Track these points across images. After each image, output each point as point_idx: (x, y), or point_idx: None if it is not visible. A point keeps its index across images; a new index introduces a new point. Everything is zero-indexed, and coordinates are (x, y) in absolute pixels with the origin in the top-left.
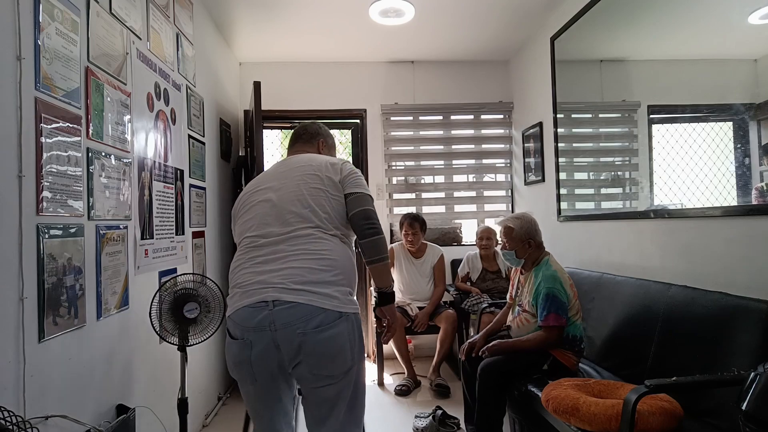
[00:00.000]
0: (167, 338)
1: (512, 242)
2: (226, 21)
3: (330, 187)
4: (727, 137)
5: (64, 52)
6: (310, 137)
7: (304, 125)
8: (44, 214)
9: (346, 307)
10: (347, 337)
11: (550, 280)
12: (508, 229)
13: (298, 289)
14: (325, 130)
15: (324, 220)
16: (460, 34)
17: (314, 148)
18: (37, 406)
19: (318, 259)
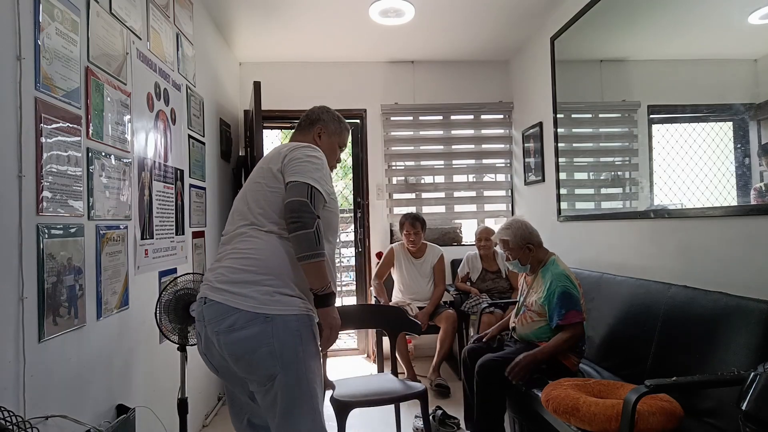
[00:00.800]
0: (170, 337)
1: (513, 252)
2: (226, 21)
3: (269, 179)
4: (727, 137)
5: (64, 52)
6: (308, 124)
7: (308, 111)
8: (44, 214)
9: (266, 308)
10: (264, 341)
11: (562, 278)
12: (504, 242)
13: (219, 288)
14: (330, 115)
15: (258, 216)
16: (460, 34)
17: (309, 136)
18: (37, 406)
19: (241, 258)
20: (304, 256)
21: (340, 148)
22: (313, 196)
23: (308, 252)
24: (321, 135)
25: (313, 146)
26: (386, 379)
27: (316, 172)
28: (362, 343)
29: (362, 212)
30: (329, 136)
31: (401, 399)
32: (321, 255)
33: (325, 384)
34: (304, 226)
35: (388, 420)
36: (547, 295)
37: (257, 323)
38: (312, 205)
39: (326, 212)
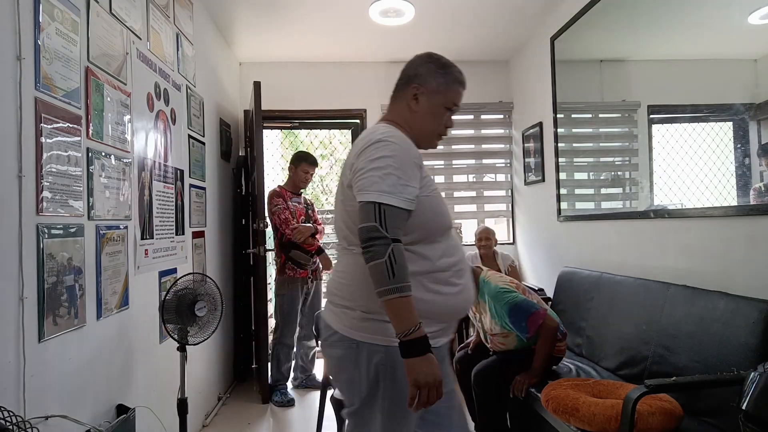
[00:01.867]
0: (174, 336)
1: None
2: (226, 21)
3: (345, 195)
4: (727, 137)
5: (64, 52)
6: (403, 84)
7: (406, 64)
8: (44, 214)
9: (355, 333)
10: (346, 367)
11: (500, 295)
12: None
13: (327, 301)
14: (430, 66)
15: (347, 233)
16: (459, 34)
17: (403, 102)
18: (37, 406)
19: (336, 279)
20: (378, 292)
21: (448, 110)
22: (383, 216)
23: (380, 287)
24: (418, 97)
25: (384, 136)
26: None
27: (384, 180)
28: None
29: None
30: (429, 97)
31: None
32: (395, 291)
33: (326, 383)
34: (373, 256)
35: None
36: (499, 319)
37: (343, 346)
38: (384, 228)
39: (419, 218)
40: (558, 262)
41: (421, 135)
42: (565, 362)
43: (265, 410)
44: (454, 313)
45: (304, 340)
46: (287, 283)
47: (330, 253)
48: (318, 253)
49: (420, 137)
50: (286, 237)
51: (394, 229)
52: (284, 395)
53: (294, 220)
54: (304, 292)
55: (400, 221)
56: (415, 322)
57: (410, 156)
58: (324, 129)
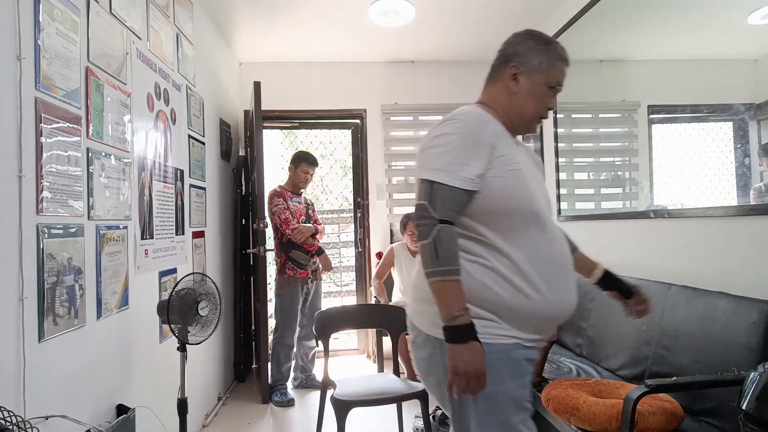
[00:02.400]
0: (177, 335)
1: None
2: (226, 21)
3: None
4: (727, 137)
5: (64, 52)
6: (501, 63)
7: (504, 43)
8: (44, 214)
9: (437, 331)
10: (432, 368)
11: None
12: None
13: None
14: (531, 43)
15: None
16: (460, 34)
17: (500, 83)
18: (37, 406)
19: (416, 272)
20: (424, 273)
21: (552, 89)
22: (434, 195)
23: (425, 269)
24: (518, 77)
25: (454, 115)
26: (387, 379)
27: (440, 158)
28: (362, 343)
29: (362, 212)
30: (531, 76)
31: (401, 399)
32: (438, 274)
33: (326, 383)
34: (420, 235)
35: (389, 420)
36: None
37: (428, 346)
38: (432, 207)
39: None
40: None
41: (520, 118)
42: (566, 362)
43: (265, 410)
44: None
45: (304, 340)
46: (287, 283)
47: (330, 253)
48: (318, 253)
49: (518, 120)
50: (286, 237)
51: (445, 210)
52: (284, 395)
53: (294, 220)
54: (304, 292)
55: (453, 202)
56: (459, 307)
57: (478, 133)
58: (324, 129)
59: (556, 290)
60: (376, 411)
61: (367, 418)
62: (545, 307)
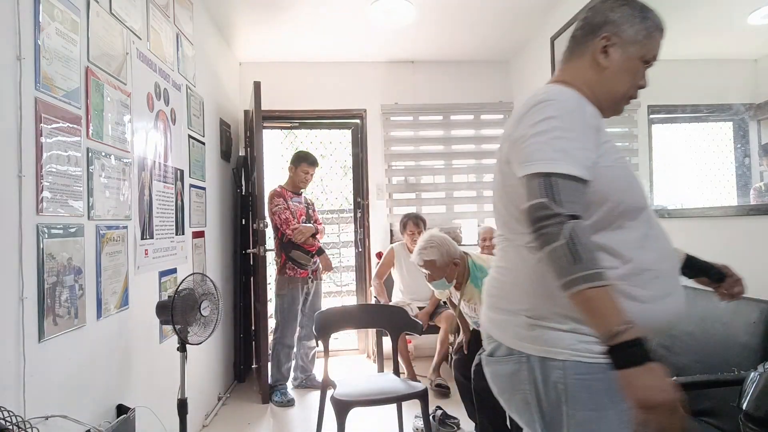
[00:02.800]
0: (179, 335)
1: (439, 272)
2: (226, 21)
3: (504, 170)
4: (727, 137)
5: (64, 52)
6: (586, 34)
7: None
8: (44, 214)
9: (523, 345)
10: (519, 386)
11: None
12: (431, 263)
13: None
14: (626, 11)
15: (509, 220)
16: (460, 34)
17: (585, 58)
18: (37, 406)
19: (494, 278)
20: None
21: (646, 63)
22: (555, 188)
23: (564, 278)
24: (609, 50)
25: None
26: (387, 379)
27: (551, 144)
28: (362, 343)
29: (362, 212)
30: (625, 49)
31: (401, 399)
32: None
33: (326, 383)
34: (547, 240)
35: (389, 420)
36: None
37: (512, 361)
38: (556, 203)
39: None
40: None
41: (608, 98)
42: None
43: (265, 410)
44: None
45: (305, 340)
46: (287, 283)
47: (330, 253)
48: (318, 253)
49: (606, 100)
50: (286, 237)
51: (571, 204)
52: (284, 395)
53: (294, 220)
54: (304, 292)
55: (576, 194)
56: (623, 319)
57: (583, 115)
58: (324, 129)
59: (669, 293)
60: (376, 411)
61: (367, 418)
62: (659, 313)
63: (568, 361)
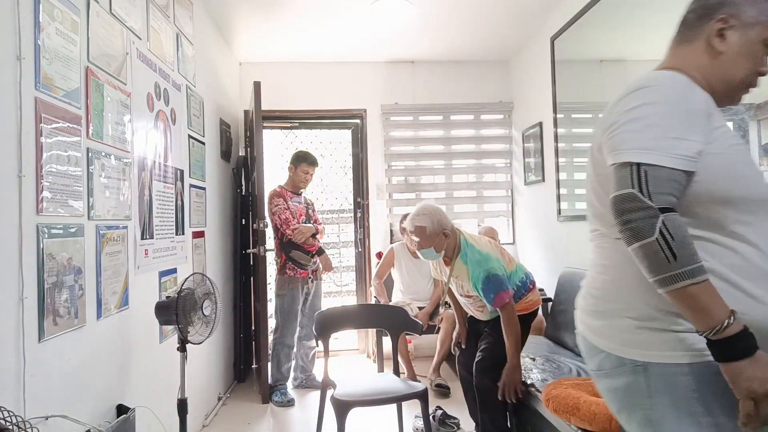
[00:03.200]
0: (182, 334)
1: (428, 240)
2: (226, 21)
3: (596, 160)
4: None
5: (64, 52)
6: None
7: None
8: (44, 214)
9: (633, 351)
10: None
11: (481, 263)
12: (421, 229)
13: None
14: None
15: (600, 210)
16: (460, 34)
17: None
18: (37, 406)
19: (592, 277)
20: (656, 282)
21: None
22: (644, 179)
23: (658, 275)
24: (726, 32)
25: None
26: (387, 379)
27: (643, 133)
28: (362, 343)
29: (362, 212)
30: (745, 31)
31: (401, 399)
32: (683, 277)
33: (326, 383)
34: (635, 234)
35: (389, 420)
36: (473, 284)
37: (625, 372)
38: (645, 195)
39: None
40: (558, 262)
41: (724, 86)
42: (566, 362)
43: (265, 410)
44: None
45: (305, 340)
46: (288, 283)
47: (330, 253)
48: (319, 253)
49: (721, 88)
50: (286, 237)
51: (662, 195)
52: (284, 395)
53: (294, 221)
54: (304, 292)
55: (670, 185)
56: (726, 313)
57: (689, 101)
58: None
59: None
60: (376, 411)
61: (367, 418)
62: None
63: (695, 363)
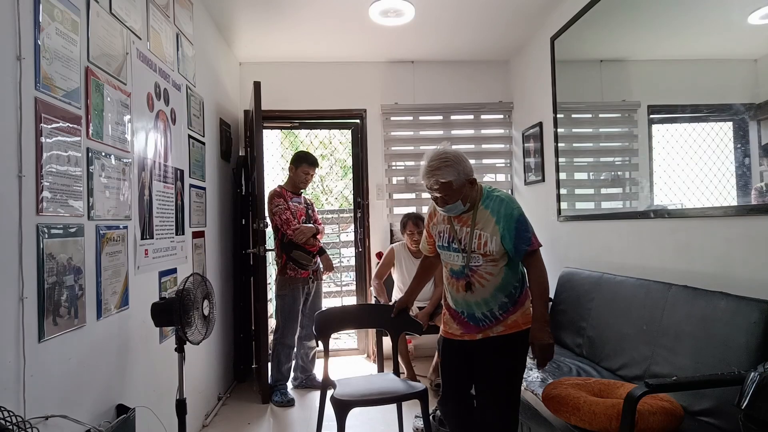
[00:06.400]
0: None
1: (455, 194)
2: (226, 21)
3: None
4: (727, 137)
5: (64, 52)
6: None
7: None
8: (44, 214)
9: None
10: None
11: (512, 201)
12: (447, 185)
13: None
14: None
15: None
16: (460, 34)
17: None
18: (37, 406)
19: None
20: None
21: None
22: None
23: None
24: None
25: None
26: (387, 379)
27: None
28: (362, 343)
29: (362, 212)
30: None
31: (401, 399)
32: None
33: (326, 383)
34: None
35: (388, 420)
36: (505, 227)
37: None
38: None
39: None
40: (558, 262)
41: None
42: (566, 362)
43: (265, 410)
44: None
45: (305, 340)
46: (288, 284)
47: (330, 253)
48: (319, 253)
49: None
50: (287, 237)
51: None
52: (284, 395)
53: (295, 221)
54: (305, 292)
55: None
56: None
57: None
58: (324, 129)
59: None
60: (376, 411)
61: (367, 418)
62: None
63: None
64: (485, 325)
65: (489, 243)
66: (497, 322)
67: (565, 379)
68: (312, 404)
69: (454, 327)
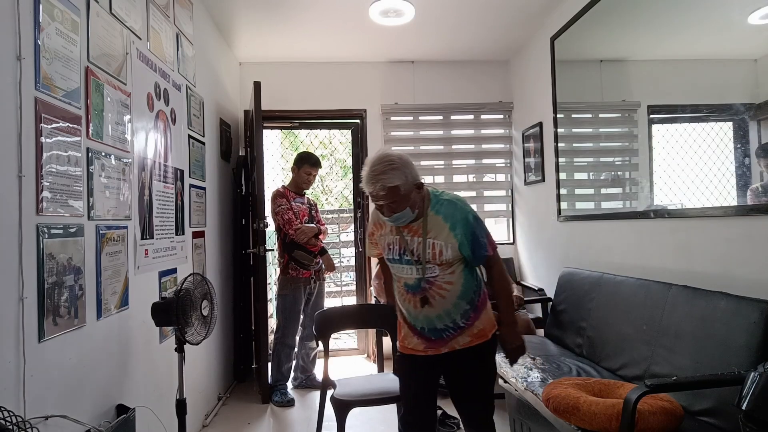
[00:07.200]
0: (180, 335)
1: (404, 200)
2: (226, 21)
3: None
4: (727, 137)
5: (64, 52)
6: None
7: None
8: (44, 214)
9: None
10: None
11: (461, 203)
12: (394, 190)
13: None
14: None
15: None
16: (460, 35)
17: None
18: (37, 406)
19: None
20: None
21: None
22: None
23: None
24: None
25: None
26: (387, 379)
27: None
28: (362, 343)
29: (362, 212)
30: None
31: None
32: None
33: (326, 383)
34: None
35: (388, 420)
36: (460, 232)
37: None
38: None
39: None
40: (558, 262)
41: None
42: (566, 362)
43: (265, 410)
44: None
45: (306, 340)
46: (290, 284)
47: (330, 253)
48: (321, 253)
49: None
50: (289, 237)
51: None
52: (284, 395)
53: (297, 221)
54: (306, 292)
55: None
56: None
57: None
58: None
59: None
60: (376, 411)
61: (367, 418)
62: None
63: None
64: (449, 336)
65: (444, 252)
66: (461, 332)
67: (565, 379)
68: (312, 404)
69: (415, 342)
